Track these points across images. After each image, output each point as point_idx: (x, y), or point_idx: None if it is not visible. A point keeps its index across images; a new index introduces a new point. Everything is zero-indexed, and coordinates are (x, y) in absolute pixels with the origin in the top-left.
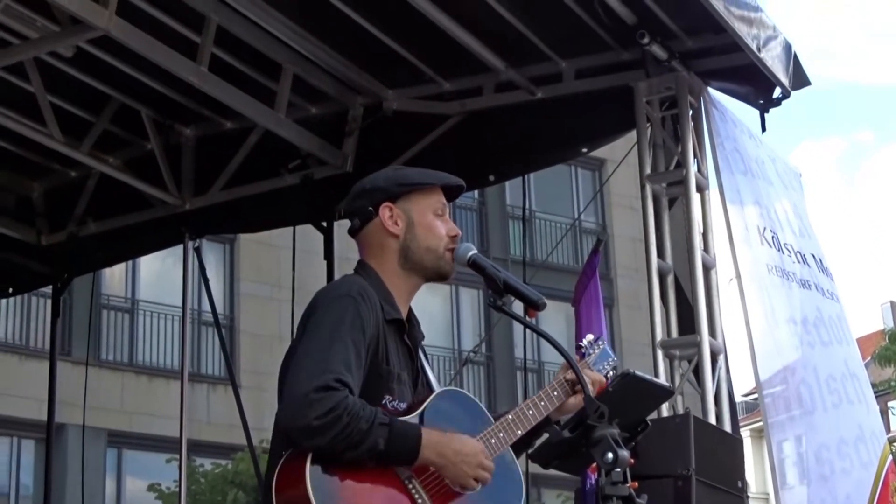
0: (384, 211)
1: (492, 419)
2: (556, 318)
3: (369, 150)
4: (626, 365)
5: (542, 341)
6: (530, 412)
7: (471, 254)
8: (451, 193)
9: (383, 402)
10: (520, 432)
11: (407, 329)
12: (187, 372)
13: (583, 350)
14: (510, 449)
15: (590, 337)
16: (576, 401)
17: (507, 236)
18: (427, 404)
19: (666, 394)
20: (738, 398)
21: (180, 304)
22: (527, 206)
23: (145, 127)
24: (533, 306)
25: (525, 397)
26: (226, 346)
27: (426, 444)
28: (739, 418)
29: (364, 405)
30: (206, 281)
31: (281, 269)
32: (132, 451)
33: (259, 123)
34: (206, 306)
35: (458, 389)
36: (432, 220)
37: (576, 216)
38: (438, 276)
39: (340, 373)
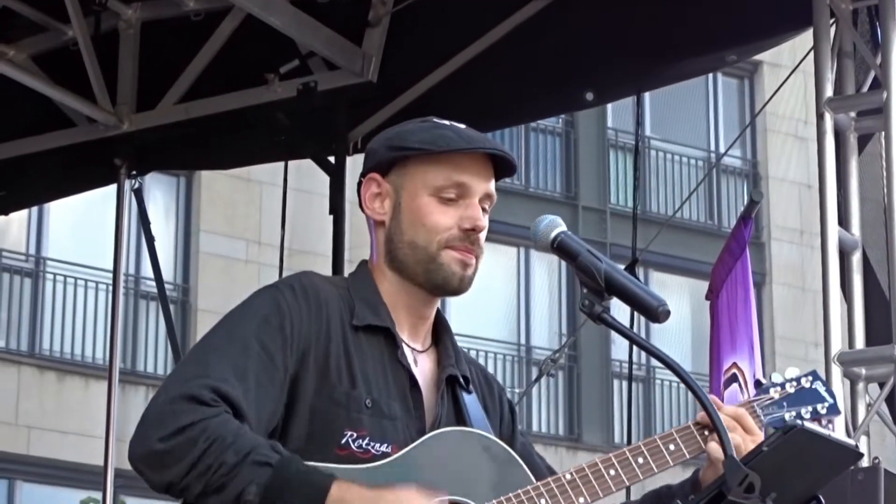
0: (367, 185)
1: (531, 478)
2: (678, 298)
3: (403, 49)
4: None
5: (653, 332)
6: (611, 473)
7: (556, 232)
8: (498, 168)
9: (343, 440)
10: (581, 501)
11: (401, 346)
12: (117, 369)
13: (764, 386)
14: None
15: (793, 371)
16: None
17: (606, 175)
18: (411, 448)
19: (851, 457)
20: None
21: (109, 267)
22: (638, 130)
23: (65, 4)
24: (651, 317)
25: (628, 417)
26: (174, 333)
27: (338, 502)
28: None
29: (242, 432)
30: (149, 235)
31: (263, 217)
32: (30, 485)
33: (237, 3)
34: (147, 271)
35: (476, 431)
36: (427, 204)
37: (713, 146)
38: (433, 288)
39: (221, 380)
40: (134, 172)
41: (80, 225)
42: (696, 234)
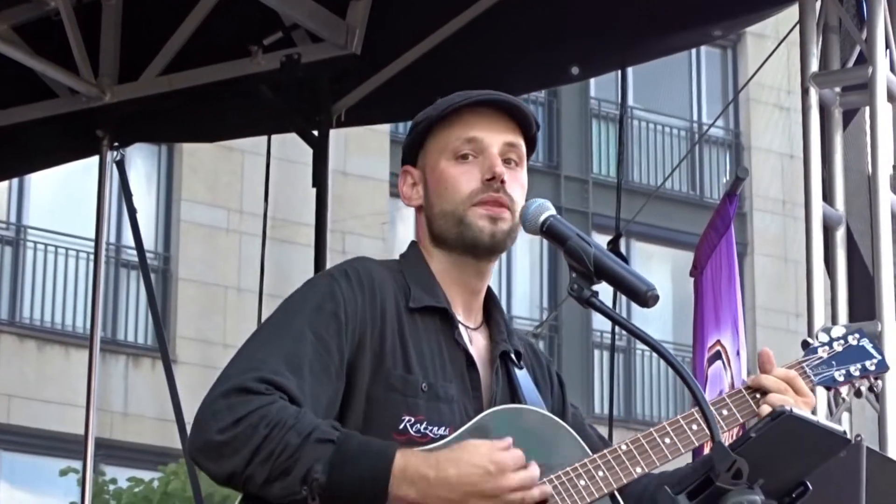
0: (402, 179)
1: (587, 451)
2: (660, 268)
3: (387, 22)
4: (758, 353)
5: (633, 305)
6: (666, 441)
7: (545, 215)
8: (519, 120)
9: (401, 425)
10: (638, 471)
11: (458, 326)
12: (98, 338)
13: (811, 347)
14: (619, 499)
15: (839, 329)
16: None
17: (588, 145)
18: (465, 429)
19: (839, 444)
20: None
21: (89, 235)
22: (623, 105)
23: None
24: (639, 301)
25: (610, 388)
26: (155, 302)
27: (402, 469)
28: None
29: (301, 414)
30: (132, 207)
31: (245, 186)
32: (10, 455)
33: None
34: (128, 239)
35: (529, 407)
36: (446, 168)
37: (696, 117)
38: (470, 250)
39: (273, 371)
40: (116, 144)
41: (62, 194)
42: (679, 205)
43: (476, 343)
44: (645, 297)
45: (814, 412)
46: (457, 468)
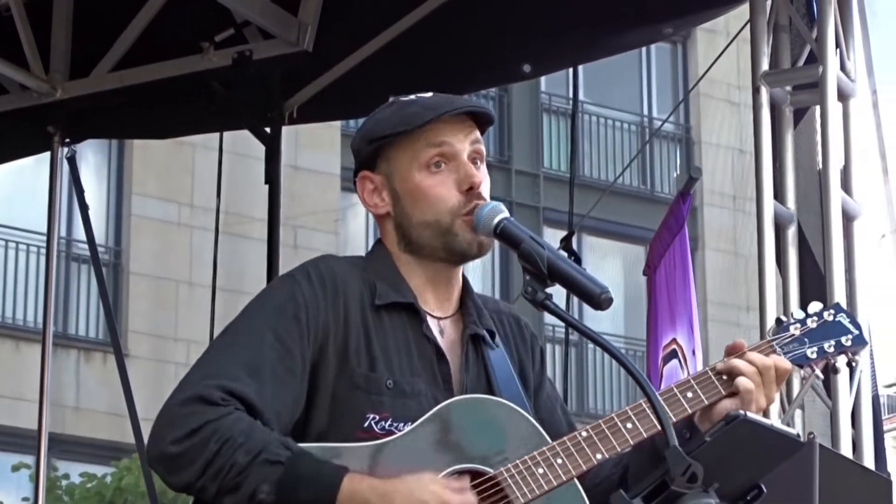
0: (361, 184)
1: (546, 438)
2: (611, 262)
3: (339, 18)
4: (712, 347)
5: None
6: (628, 426)
7: (499, 218)
8: (475, 117)
9: (366, 423)
10: (598, 457)
11: (425, 319)
12: (51, 332)
13: (784, 324)
14: (577, 486)
15: (815, 305)
16: (731, 407)
17: (539, 139)
18: (420, 422)
19: (793, 446)
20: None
21: (41, 229)
22: (576, 104)
23: None
24: (593, 304)
25: (564, 382)
26: (107, 296)
27: (349, 496)
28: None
29: (253, 431)
30: (83, 203)
31: (196, 180)
32: None
33: None
34: (79, 233)
35: (487, 397)
36: (421, 180)
37: (646, 111)
38: (457, 257)
39: (232, 378)
40: (68, 140)
41: (13, 188)
42: (629, 199)
43: (448, 333)
44: (599, 300)
45: (767, 411)
46: (403, 501)
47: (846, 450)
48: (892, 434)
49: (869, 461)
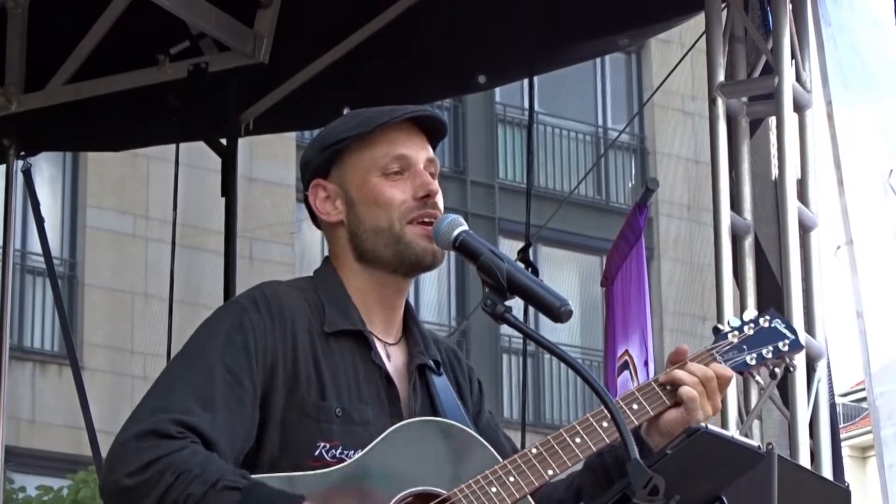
0: (314, 193)
1: (497, 457)
2: (568, 275)
3: (295, 31)
4: (666, 357)
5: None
6: (577, 441)
7: (458, 231)
8: (428, 132)
9: (316, 451)
10: (549, 473)
11: (374, 346)
12: (6, 345)
13: (722, 332)
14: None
15: (750, 312)
16: (678, 417)
17: (495, 150)
18: (370, 448)
19: (754, 459)
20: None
21: None
22: (532, 115)
23: None
24: (553, 317)
25: (522, 394)
26: (63, 308)
27: None
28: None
29: (209, 463)
30: (39, 217)
31: (152, 192)
32: None
33: None
34: (34, 246)
35: (437, 419)
36: (375, 186)
37: (601, 121)
38: (408, 268)
39: (185, 411)
40: (23, 153)
41: None
42: (584, 209)
43: (395, 359)
44: (559, 313)
45: (724, 421)
46: None
47: (804, 460)
48: (850, 444)
49: (827, 471)
